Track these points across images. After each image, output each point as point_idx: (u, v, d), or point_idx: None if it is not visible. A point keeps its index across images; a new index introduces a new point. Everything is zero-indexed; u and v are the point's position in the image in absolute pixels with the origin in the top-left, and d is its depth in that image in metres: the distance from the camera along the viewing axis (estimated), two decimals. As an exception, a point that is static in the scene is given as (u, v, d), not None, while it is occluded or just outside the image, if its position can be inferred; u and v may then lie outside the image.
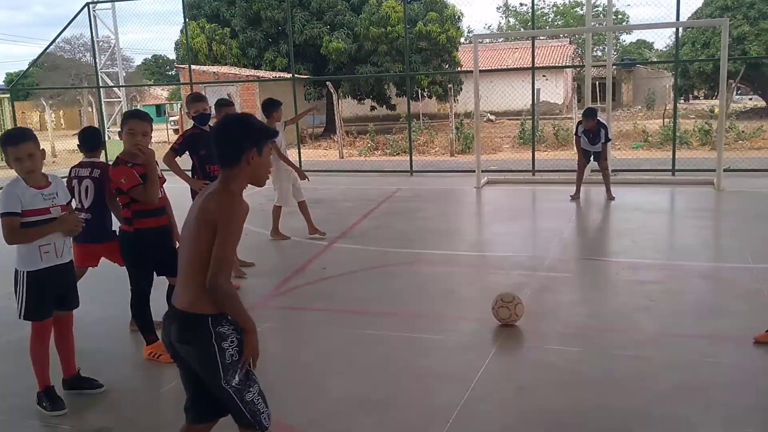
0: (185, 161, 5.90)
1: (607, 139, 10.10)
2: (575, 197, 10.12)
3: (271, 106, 7.48)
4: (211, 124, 6.01)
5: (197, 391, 2.76)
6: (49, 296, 3.86)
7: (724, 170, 10.89)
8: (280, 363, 4.53)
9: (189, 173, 6.04)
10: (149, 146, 4.44)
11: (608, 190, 10.03)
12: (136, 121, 4.41)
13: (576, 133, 10.25)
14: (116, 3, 19.57)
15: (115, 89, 21.23)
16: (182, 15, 15.56)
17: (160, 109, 49.74)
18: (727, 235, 7.92)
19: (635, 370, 4.15)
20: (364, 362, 4.45)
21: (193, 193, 5.82)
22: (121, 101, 21.10)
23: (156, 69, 54.81)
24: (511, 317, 4.86)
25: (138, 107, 24.55)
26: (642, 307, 5.27)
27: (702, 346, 4.49)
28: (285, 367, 4.44)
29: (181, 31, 16.90)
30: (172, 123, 30.77)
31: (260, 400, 2.77)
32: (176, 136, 9.69)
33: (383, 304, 5.68)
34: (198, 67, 25.86)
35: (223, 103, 6.56)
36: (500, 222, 9.17)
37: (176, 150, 5.84)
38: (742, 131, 19.35)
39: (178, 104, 36.24)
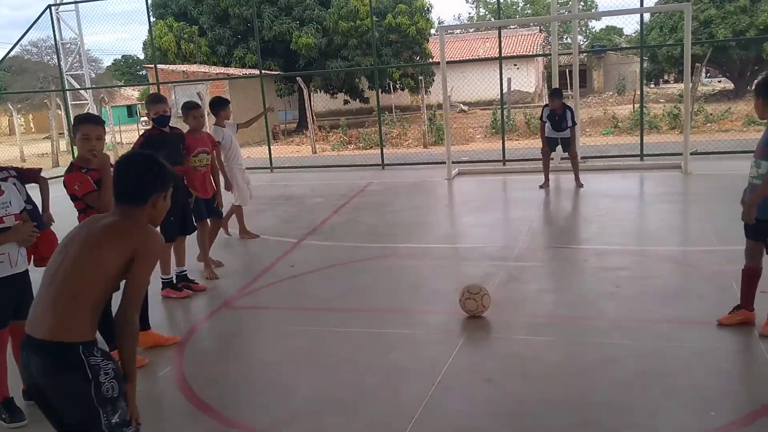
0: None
1: (573, 123, 10.14)
2: (544, 186, 10.16)
3: (218, 105, 7.43)
4: (172, 125, 5.94)
5: None
6: (4, 306, 3.78)
7: (692, 153, 11.00)
8: (245, 364, 4.50)
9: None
10: (103, 150, 4.36)
11: (577, 178, 10.08)
12: (89, 126, 4.31)
13: (541, 118, 10.28)
14: (80, 4, 19.28)
15: (82, 91, 20.92)
16: (149, 14, 15.30)
17: (131, 110, 49.19)
18: (692, 219, 7.99)
19: (601, 358, 4.16)
20: (332, 360, 4.42)
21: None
22: (88, 103, 20.79)
23: (126, 69, 54.17)
24: (478, 309, 4.86)
25: (107, 109, 24.20)
26: (608, 294, 5.30)
27: (666, 331, 4.52)
28: (251, 368, 4.41)
29: (149, 31, 16.64)
30: (144, 123, 30.46)
31: None
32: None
33: (352, 300, 5.65)
34: (166, 66, 25.60)
35: (191, 106, 6.47)
36: (470, 213, 9.18)
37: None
38: (711, 114, 19.57)
39: (149, 104, 35.76)
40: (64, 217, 4.51)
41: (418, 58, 28.25)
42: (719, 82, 39.99)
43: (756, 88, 4.31)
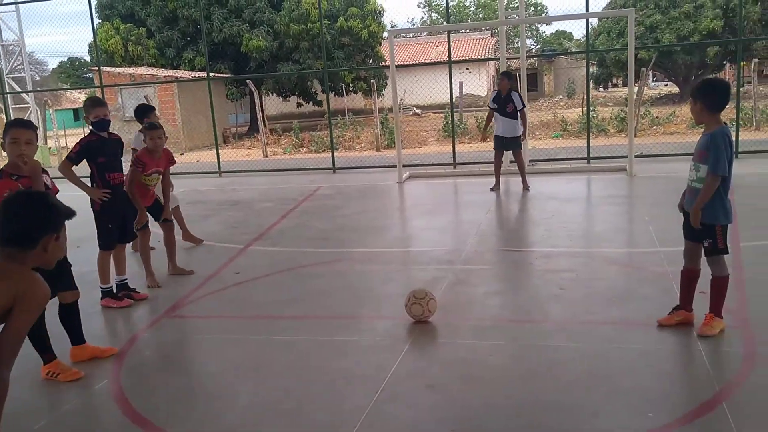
0: (83, 169, 5.61)
1: (523, 104, 10.27)
2: (495, 188, 10.24)
3: (143, 111, 7.27)
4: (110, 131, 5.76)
5: None
6: None
7: (637, 156, 11.22)
8: (186, 375, 4.38)
9: (88, 181, 5.75)
10: (34, 156, 4.20)
11: (524, 181, 10.19)
12: (19, 130, 4.15)
13: (489, 105, 10.46)
14: (21, 5, 18.72)
15: (24, 95, 20.31)
16: (92, 15, 14.90)
17: (77, 114, 47.99)
18: (636, 221, 8.13)
19: (545, 361, 4.17)
20: (276, 369, 4.33)
21: (92, 203, 5.56)
22: (30, 107, 20.19)
23: (72, 72, 52.93)
24: (424, 314, 4.82)
25: (51, 112, 23.53)
26: (554, 296, 5.33)
27: (610, 333, 4.56)
28: (192, 379, 4.29)
29: (93, 33, 16.19)
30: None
31: None
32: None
33: (298, 307, 5.56)
34: (113, 68, 25.04)
35: (150, 127, 6.22)
36: (420, 216, 9.17)
37: (72, 159, 5.53)
38: (657, 117, 20.05)
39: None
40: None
41: (370, 62, 28.27)
42: (665, 86, 41.07)
43: (693, 92, 4.33)
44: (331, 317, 5.25)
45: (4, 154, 4.51)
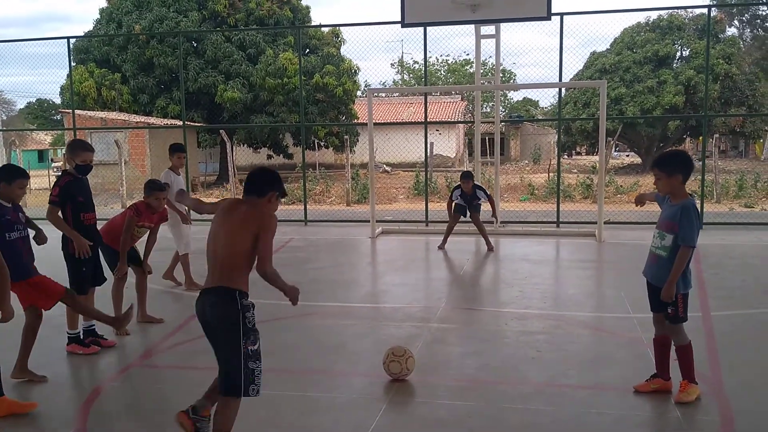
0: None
1: (487, 195, 10.43)
2: (441, 246, 10.40)
3: (177, 148, 8.16)
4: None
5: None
6: None
7: (605, 222, 11.45)
8: (156, 426, 4.22)
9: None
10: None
11: (487, 242, 10.30)
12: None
13: (451, 197, 10.53)
14: (-5, 43, 18.59)
15: (-9, 132, 20.02)
16: (68, 58, 14.88)
17: (42, 155, 47.39)
18: (608, 286, 8.23)
19: (523, 424, 4.14)
20: (249, 423, 4.21)
21: (65, 245, 5.45)
22: (-3, 145, 19.89)
23: (40, 113, 52.44)
24: (402, 371, 4.77)
25: (17, 152, 23.18)
26: (529, 358, 5.33)
27: (586, 398, 4.56)
28: (163, 431, 4.14)
29: (68, 76, 16.13)
30: (55, 170, 29.26)
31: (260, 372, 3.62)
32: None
33: (271, 360, 5.41)
34: (84, 112, 24.88)
35: (157, 188, 6.46)
36: (393, 272, 9.16)
37: (57, 203, 5.44)
38: (621, 185, 20.57)
39: (62, 150, 34.60)
40: None
41: (343, 118, 28.60)
42: (627, 156, 42.27)
43: (664, 164, 4.38)
44: (305, 372, 5.16)
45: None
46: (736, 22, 37.25)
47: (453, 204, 10.49)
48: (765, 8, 37.79)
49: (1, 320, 4.07)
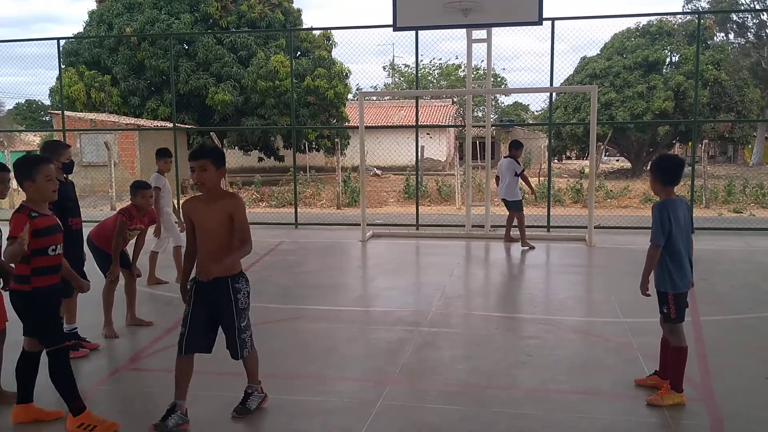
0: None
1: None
2: (530, 248, 10.69)
3: (163, 154, 8.20)
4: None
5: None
6: None
7: (595, 227, 11.48)
8: (141, 428, 4.18)
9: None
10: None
11: (512, 238, 11.03)
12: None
13: (518, 173, 11.13)
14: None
15: (-20, 133, 19.88)
16: (58, 59, 14.79)
17: (31, 156, 47.00)
18: (598, 290, 8.25)
19: (514, 429, 4.13)
20: (237, 428, 4.18)
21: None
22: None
23: (29, 114, 52.15)
24: None
25: (5, 153, 23.00)
26: (520, 363, 5.32)
27: (577, 402, 4.55)
28: (149, 437, 4.10)
29: (58, 78, 16.02)
30: (44, 170, 29.04)
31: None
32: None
33: (260, 364, 5.39)
34: (74, 113, 24.76)
35: (142, 186, 6.46)
36: (384, 276, 9.14)
37: None
38: (611, 190, 20.64)
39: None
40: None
41: (334, 121, 28.60)
42: (617, 161, 42.47)
43: (650, 167, 4.59)
44: (294, 377, 5.13)
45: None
46: (723, 32, 37.52)
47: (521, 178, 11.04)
48: (750, 16, 38.10)
49: None
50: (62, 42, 16.76)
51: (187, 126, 25.56)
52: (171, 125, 16.59)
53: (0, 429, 4.20)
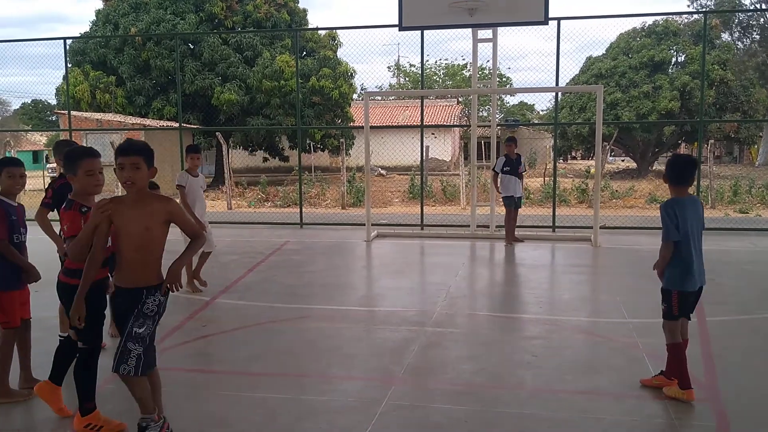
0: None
1: (524, 168, 11.03)
2: (518, 241, 10.89)
3: (188, 150, 7.77)
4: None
5: None
6: None
7: (600, 227, 11.46)
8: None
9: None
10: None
11: (514, 237, 11.00)
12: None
13: (495, 169, 11.03)
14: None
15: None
16: (64, 59, 14.84)
17: (37, 156, 47.23)
18: (603, 291, 8.22)
19: (519, 429, 4.12)
20: (243, 427, 4.19)
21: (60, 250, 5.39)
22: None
23: (35, 114, 52.32)
24: None
25: (12, 153, 23.11)
26: (525, 363, 5.32)
27: (582, 402, 4.55)
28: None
29: (64, 78, 16.08)
30: (50, 170, 29.15)
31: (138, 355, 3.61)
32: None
33: (266, 363, 5.43)
34: (80, 113, 24.84)
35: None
36: (389, 276, 9.14)
37: (49, 205, 5.34)
38: (616, 190, 20.60)
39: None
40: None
41: (339, 121, 28.61)
42: (623, 161, 42.37)
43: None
44: (300, 376, 5.13)
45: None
46: (731, 32, 37.40)
47: (499, 177, 10.92)
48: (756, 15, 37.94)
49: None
50: (68, 41, 16.79)
51: (192, 126, 25.63)
52: (177, 125, 16.63)
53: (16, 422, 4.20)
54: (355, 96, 30.25)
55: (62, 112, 24.57)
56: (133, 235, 3.67)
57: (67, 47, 15.24)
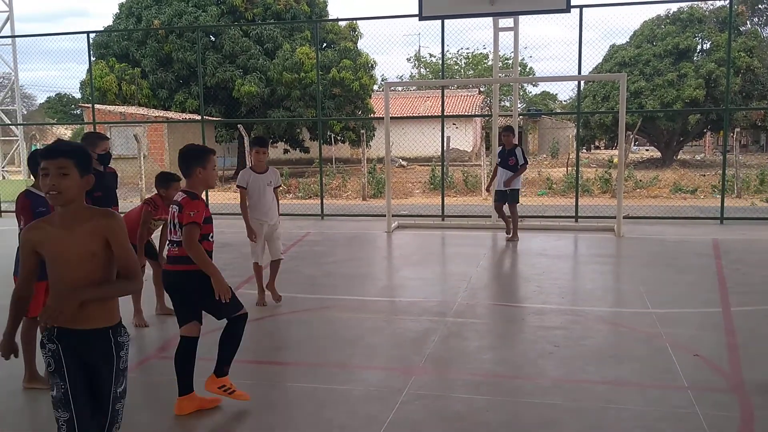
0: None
1: (525, 161, 10.46)
2: (512, 237, 10.53)
3: (254, 143, 6.86)
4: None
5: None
6: None
7: (624, 217, 11.35)
8: (172, 419, 4.24)
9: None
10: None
11: (515, 233, 10.36)
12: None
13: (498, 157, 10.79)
14: (17, 39, 18.81)
15: (13, 127, 20.24)
16: (90, 53, 14.99)
17: (62, 149, 47.67)
18: (626, 281, 8.15)
19: (541, 418, 4.11)
20: (265, 416, 4.22)
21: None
22: (18, 140, 20.11)
23: (60, 107, 52.90)
24: None
25: (38, 146, 23.43)
26: (547, 353, 5.29)
27: (605, 392, 4.52)
28: (180, 420, 4.16)
29: (88, 71, 16.26)
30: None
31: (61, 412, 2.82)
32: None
33: (288, 353, 5.47)
34: (104, 106, 25.10)
35: (171, 178, 6.19)
36: (409, 267, 9.14)
37: None
38: (640, 180, 20.37)
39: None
40: None
41: (360, 113, 28.60)
42: (647, 150, 41.87)
43: None
44: (321, 365, 5.16)
45: None
46: (758, 18, 36.71)
47: (496, 171, 10.72)
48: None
49: None
50: (92, 35, 16.96)
51: (214, 118, 25.79)
52: (199, 118, 16.74)
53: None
54: (375, 87, 30.19)
55: (86, 105, 24.85)
56: (73, 264, 2.78)
57: (91, 41, 15.39)
